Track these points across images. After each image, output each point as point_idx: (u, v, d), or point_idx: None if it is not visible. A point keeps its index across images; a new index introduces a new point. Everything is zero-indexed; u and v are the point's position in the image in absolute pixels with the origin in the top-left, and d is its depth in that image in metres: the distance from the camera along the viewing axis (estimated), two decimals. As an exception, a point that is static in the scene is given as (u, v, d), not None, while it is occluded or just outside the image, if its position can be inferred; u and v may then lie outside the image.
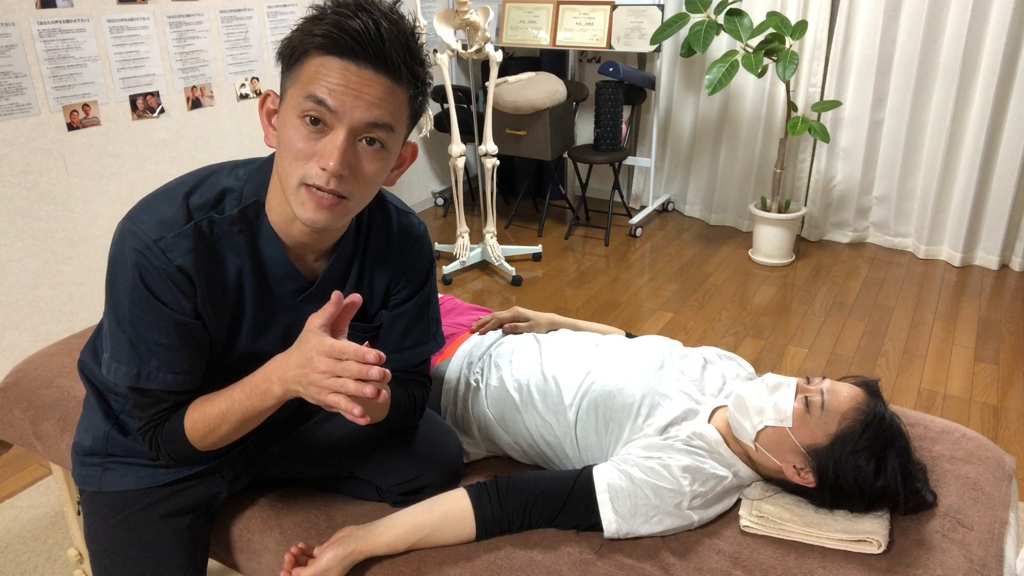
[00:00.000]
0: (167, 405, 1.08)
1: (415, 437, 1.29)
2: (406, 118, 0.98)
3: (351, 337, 1.20)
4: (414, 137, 4.36)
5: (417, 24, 0.97)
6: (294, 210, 0.96)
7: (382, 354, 0.92)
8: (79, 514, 1.69)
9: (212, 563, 1.82)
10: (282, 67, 0.96)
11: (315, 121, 0.91)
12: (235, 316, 1.08)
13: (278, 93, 1.00)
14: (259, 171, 1.05)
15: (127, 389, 1.07)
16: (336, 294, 0.96)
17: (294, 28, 0.94)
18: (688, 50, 3.51)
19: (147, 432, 1.09)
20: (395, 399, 1.20)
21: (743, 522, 1.20)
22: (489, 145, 3.35)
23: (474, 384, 1.46)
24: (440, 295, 1.81)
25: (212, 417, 1.05)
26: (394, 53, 0.91)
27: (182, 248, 0.99)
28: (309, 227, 0.97)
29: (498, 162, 3.44)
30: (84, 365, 1.26)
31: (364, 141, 0.94)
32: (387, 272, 1.18)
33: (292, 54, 0.93)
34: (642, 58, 4.24)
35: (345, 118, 0.91)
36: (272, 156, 1.04)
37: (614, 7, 3.91)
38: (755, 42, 3.39)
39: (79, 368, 1.27)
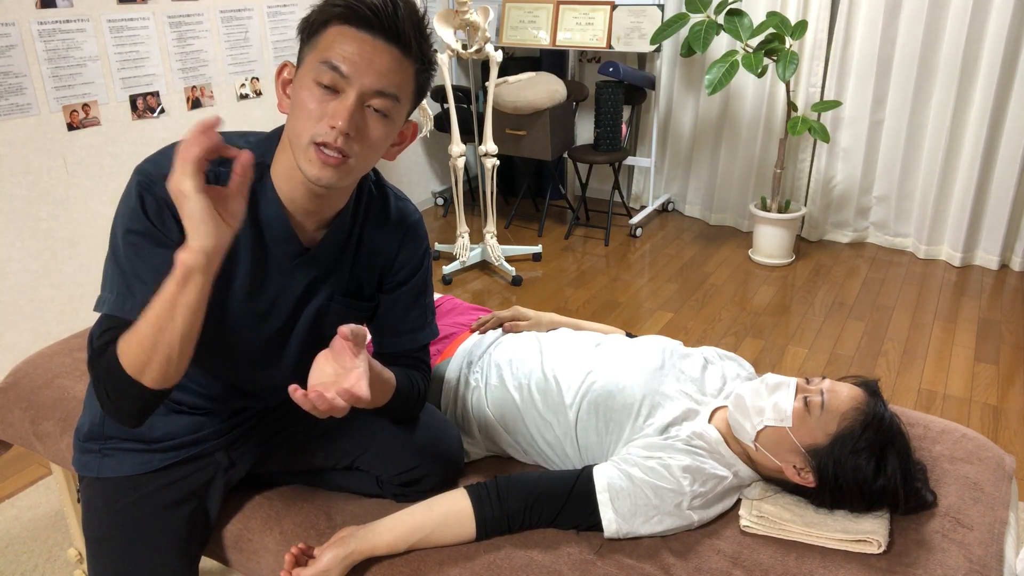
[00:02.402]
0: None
1: (416, 427, 1.30)
2: (411, 93, 1.05)
3: (347, 316, 1.23)
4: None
5: (426, 14, 1.03)
6: (302, 167, 1.01)
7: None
8: (79, 501, 1.69)
9: (212, 563, 1.82)
10: (301, 39, 1.03)
11: (328, 85, 0.98)
12: (228, 271, 1.11)
13: (294, 64, 1.06)
14: (268, 138, 1.12)
15: (104, 318, 1.04)
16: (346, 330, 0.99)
17: (314, 6, 1.01)
18: (688, 50, 3.51)
19: (93, 360, 1.04)
20: (398, 383, 1.21)
21: (743, 522, 1.20)
22: (489, 145, 3.35)
23: (474, 383, 1.46)
24: (440, 295, 1.81)
25: (137, 331, 0.97)
26: (407, 28, 0.98)
27: None
28: (314, 183, 1.02)
29: (498, 162, 3.44)
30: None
31: (372, 109, 1.00)
32: (384, 251, 1.22)
33: (312, 25, 1.01)
34: (642, 58, 4.24)
35: (356, 83, 0.98)
36: (280, 129, 1.10)
37: (614, 7, 3.91)
38: (755, 42, 3.39)
39: (88, 341, 1.28)
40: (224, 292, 1.12)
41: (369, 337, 1.70)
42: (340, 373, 1.01)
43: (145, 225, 1.02)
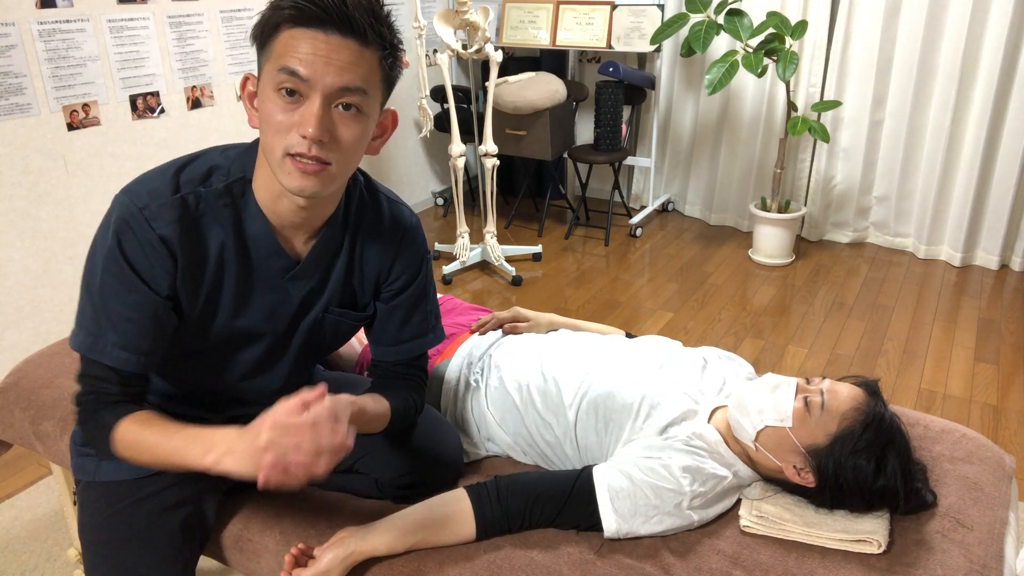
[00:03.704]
0: (114, 390, 1.07)
1: (415, 432, 1.29)
2: (379, 81, 1.00)
3: (343, 327, 1.22)
4: (415, 137, 4.36)
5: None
6: (281, 181, 0.98)
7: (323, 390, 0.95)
8: (75, 504, 1.69)
9: (212, 563, 1.82)
10: (256, 48, 0.99)
11: (291, 92, 0.94)
12: (213, 292, 1.09)
13: (255, 76, 1.02)
14: (247, 151, 1.08)
15: (81, 358, 1.07)
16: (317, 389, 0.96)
17: (263, 9, 0.97)
18: (688, 50, 3.51)
19: (82, 405, 1.08)
20: (392, 410, 1.20)
21: (743, 522, 1.20)
22: (489, 145, 3.35)
23: (474, 384, 1.46)
24: (440, 295, 1.81)
25: (143, 442, 1.03)
26: (358, 16, 0.93)
27: (166, 218, 1.02)
28: (297, 195, 0.99)
29: (498, 162, 3.44)
30: None
31: (340, 107, 0.96)
32: (378, 259, 1.19)
33: (263, 32, 0.96)
34: (642, 58, 4.24)
35: (318, 85, 0.93)
36: (257, 140, 1.06)
37: (614, 7, 3.91)
38: (755, 42, 3.39)
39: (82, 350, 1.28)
40: (208, 315, 1.10)
41: (362, 345, 1.69)
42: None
43: (121, 267, 1.01)
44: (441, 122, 4.11)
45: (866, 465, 1.15)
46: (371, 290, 1.21)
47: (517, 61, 4.34)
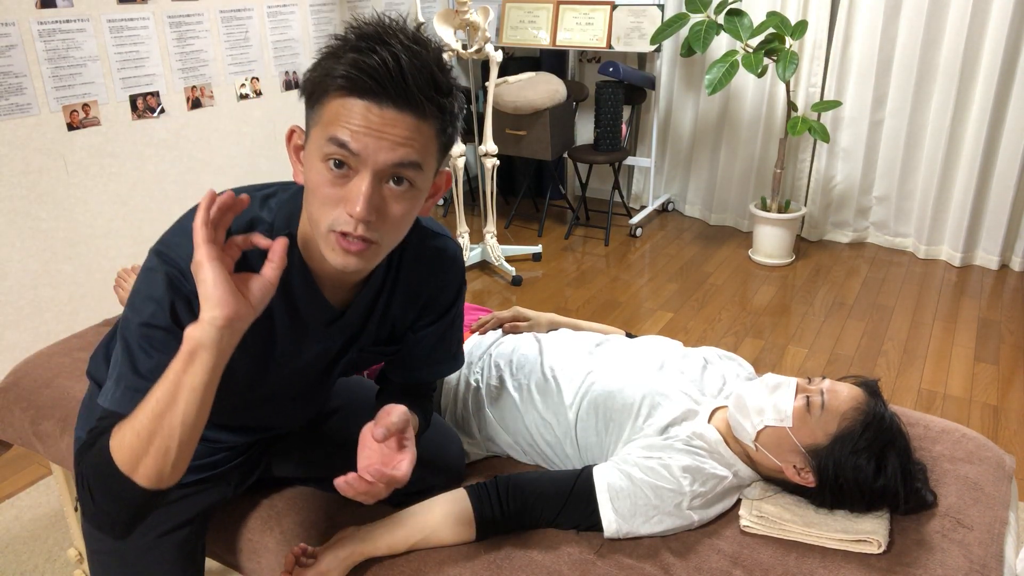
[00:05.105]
0: None
1: (418, 440, 1.29)
2: (435, 152, 0.93)
3: (379, 360, 1.22)
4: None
5: (445, 49, 0.92)
6: (325, 254, 0.92)
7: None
8: (77, 510, 1.69)
9: (212, 563, 1.82)
10: (305, 104, 0.92)
11: (339, 164, 0.87)
12: (264, 346, 1.05)
13: (303, 128, 0.95)
14: (289, 202, 1.01)
15: (103, 412, 0.95)
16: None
17: (316, 60, 0.89)
18: (688, 50, 3.51)
19: (80, 454, 0.94)
20: (420, 424, 1.21)
21: (743, 522, 1.20)
22: (489, 145, 3.35)
23: (474, 384, 1.46)
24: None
25: (133, 413, 0.88)
26: (416, 89, 0.86)
27: None
28: (341, 270, 0.94)
29: (498, 162, 3.44)
30: (97, 369, 1.24)
31: (392, 181, 0.89)
32: (418, 299, 1.17)
33: (313, 93, 0.90)
34: (642, 58, 4.24)
35: (369, 161, 0.86)
36: (302, 188, 0.99)
37: (614, 7, 3.91)
38: (755, 42, 3.39)
39: (88, 373, 1.25)
40: (261, 368, 1.07)
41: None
42: (387, 453, 1.01)
43: (168, 324, 0.93)
44: (441, 122, 4.10)
45: (866, 465, 1.15)
46: (408, 325, 1.19)
47: (517, 61, 4.34)
